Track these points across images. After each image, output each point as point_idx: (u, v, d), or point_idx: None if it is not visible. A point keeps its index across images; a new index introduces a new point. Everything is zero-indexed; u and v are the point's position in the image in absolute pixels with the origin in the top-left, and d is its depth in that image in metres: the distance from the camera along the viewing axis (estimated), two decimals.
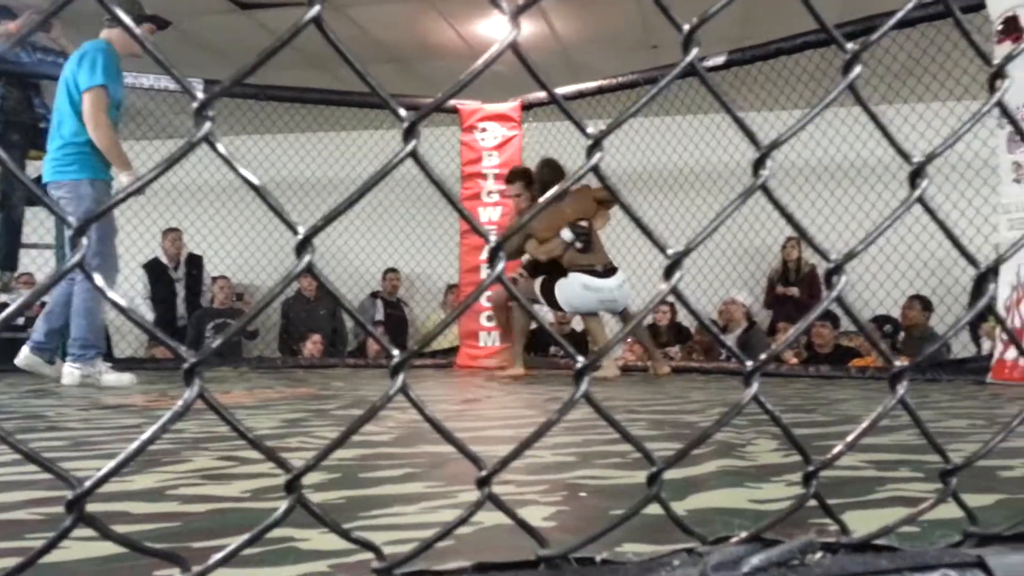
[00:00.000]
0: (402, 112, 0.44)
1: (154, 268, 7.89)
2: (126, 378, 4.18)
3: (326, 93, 6.66)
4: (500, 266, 0.46)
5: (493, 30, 6.78)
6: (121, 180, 4.14)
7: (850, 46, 0.53)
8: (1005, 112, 0.57)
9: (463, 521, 0.50)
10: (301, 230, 0.43)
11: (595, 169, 0.48)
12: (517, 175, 5.31)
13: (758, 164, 0.50)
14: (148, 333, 0.46)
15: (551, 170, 5.03)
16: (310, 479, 1.40)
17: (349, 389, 4.05)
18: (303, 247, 0.43)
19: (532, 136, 6.84)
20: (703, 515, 1.10)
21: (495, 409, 3.04)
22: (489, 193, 6.61)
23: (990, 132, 4.92)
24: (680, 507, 1.16)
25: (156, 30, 4.46)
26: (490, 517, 0.88)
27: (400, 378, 0.45)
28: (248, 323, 0.49)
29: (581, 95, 6.33)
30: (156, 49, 0.41)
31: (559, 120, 7.03)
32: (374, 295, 8.50)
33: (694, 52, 0.46)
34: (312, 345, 7.46)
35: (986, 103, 0.55)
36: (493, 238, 0.46)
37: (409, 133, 0.45)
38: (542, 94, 6.44)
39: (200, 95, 0.40)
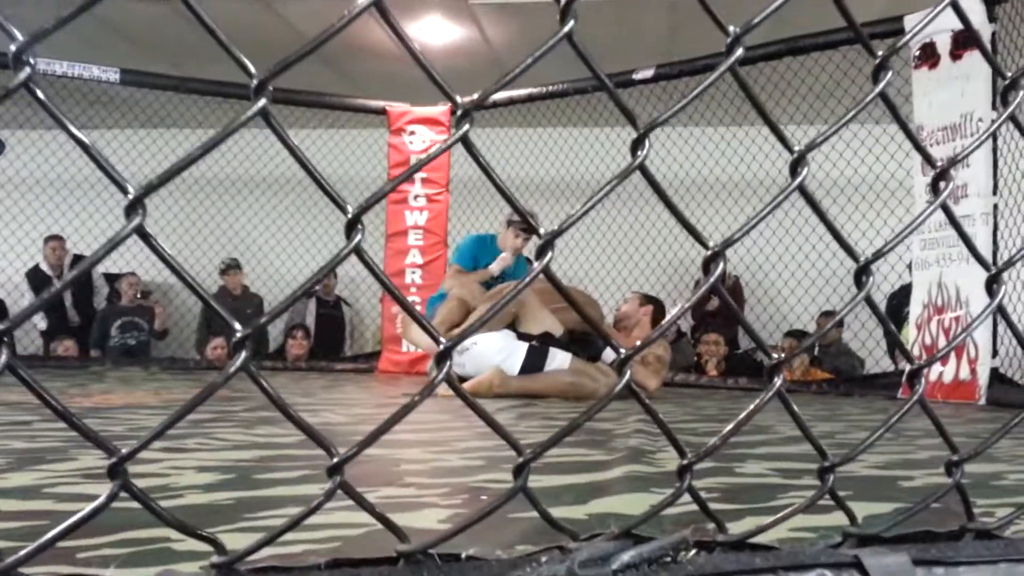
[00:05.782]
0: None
1: (35, 277, 7.40)
2: None
3: (246, 88, 6.43)
4: (355, 239, 0.43)
5: (424, 32, 6.70)
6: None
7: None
8: (902, 125, 0.56)
9: (309, 513, 0.47)
10: (131, 190, 0.39)
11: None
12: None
13: (635, 150, 0.49)
14: None
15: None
16: (201, 480, 1.34)
17: (260, 392, 3.94)
18: (133, 208, 0.39)
19: None
20: (601, 519, 1.08)
21: (411, 413, 2.99)
22: (416, 197, 6.55)
23: (906, 154, 5.08)
24: (581, 511, 1.14)
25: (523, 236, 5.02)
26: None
27: (242, 355, 0.42)
28: (41, 307, 0.45)
29: (512, 102, 6.33)
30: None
31: (488, 126, 7.00)
32: (309, 295, 8.28)
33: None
34: (212, 350, 7.12)
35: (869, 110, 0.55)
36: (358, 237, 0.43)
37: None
38: (473, 98, 6.41)
39: (20, 37, 0.37)
